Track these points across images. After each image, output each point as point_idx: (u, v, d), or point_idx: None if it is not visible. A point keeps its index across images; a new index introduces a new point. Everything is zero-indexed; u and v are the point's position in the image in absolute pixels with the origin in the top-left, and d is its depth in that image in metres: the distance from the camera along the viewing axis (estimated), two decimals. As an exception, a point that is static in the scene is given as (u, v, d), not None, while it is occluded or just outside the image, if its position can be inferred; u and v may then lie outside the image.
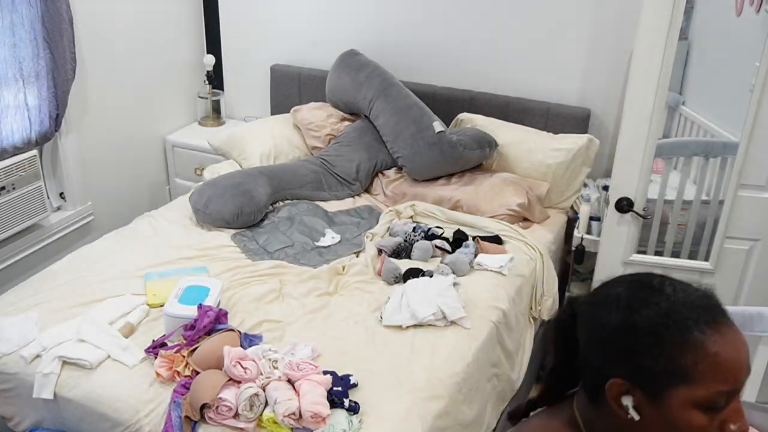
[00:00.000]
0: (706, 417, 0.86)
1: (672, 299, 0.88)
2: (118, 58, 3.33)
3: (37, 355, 2.03)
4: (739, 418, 0.89)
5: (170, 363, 1.96)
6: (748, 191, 2.41)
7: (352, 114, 3.38)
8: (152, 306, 2.26)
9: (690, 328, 0.85)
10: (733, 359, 0.85)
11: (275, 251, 2.63)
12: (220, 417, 1.80)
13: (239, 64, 3.87)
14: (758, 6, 2.43)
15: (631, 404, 0.89)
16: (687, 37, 2.77)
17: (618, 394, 0.90)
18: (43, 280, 2.39)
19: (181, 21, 3.70)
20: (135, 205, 3.53)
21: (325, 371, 1.92)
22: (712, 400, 0.85)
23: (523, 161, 3.07)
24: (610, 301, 0.92)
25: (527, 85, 3.24)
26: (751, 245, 2.49)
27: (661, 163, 2.57)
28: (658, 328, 0.86)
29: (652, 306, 0.88)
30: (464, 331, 2.19)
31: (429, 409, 1.89)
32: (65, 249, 3.09)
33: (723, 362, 0.84)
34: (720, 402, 0.86)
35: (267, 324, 2.18)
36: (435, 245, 2.63)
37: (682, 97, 2.87)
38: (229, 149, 3.30)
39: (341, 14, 3.51)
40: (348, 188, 3.15)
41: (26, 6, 2.69)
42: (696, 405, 0.85)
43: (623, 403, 0.89)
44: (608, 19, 3.01)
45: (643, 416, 0.89)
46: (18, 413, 2.07)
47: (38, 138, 2.88)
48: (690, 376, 0.85)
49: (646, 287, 0.91)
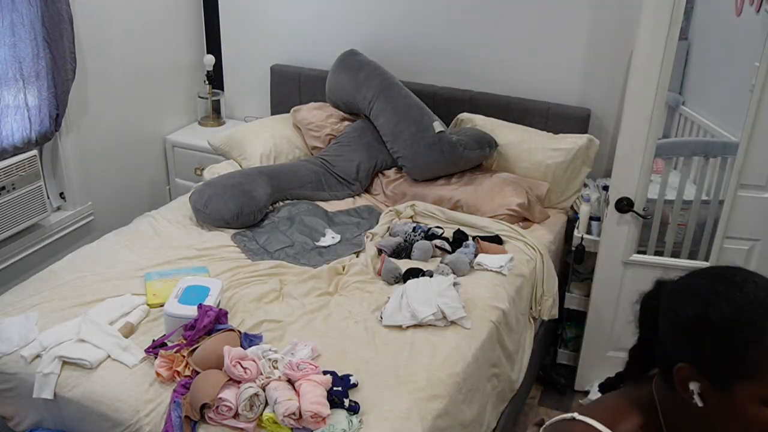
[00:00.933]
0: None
1: (750, 298, 0.89)
2: (118, 58, 3.33)
3: (37, 355, 2.03)
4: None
5: (170, 363, 1.96)
6: (748, 191, 2.41)
7: (352, 114, 3.38)
8: (152, 306, 2.26)
9: (763, 329, 0.87)
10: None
11: (275, 251, 2.63)
12: (220, 417, 1.80)
13: (239, 64, 3.87)
14: (758, 6, 2.43)
15: (697, 390, 0.92)
16: (687, 37, 2.77)
17: (685, 378, 0.93)
18: (43, 280, 2.39)
19: (181, 21, 3.70)
20: (135, 205, 3.53)
21: (325, 371, 1.92)
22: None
23: (523, 161, 3.07)
24: (691, 291, 0.95)
25: (527, 85, 3.24)
26: (751, 245, 2.49)
27: (661, 163, 2.57)
28: (730, 325, 0.88)
29: (729, 302, 0.90)
30: (464, 331, 2.19)
31: (429, 409, 1.89)
32: (65, 249, 3.09)
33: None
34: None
35: (267, 324, 2.18)
36: (435, 245, 2.63)
37: (682, 97, 2.87)
38: (229, 149, 3.30)
39: (341, 14, 3.51)
40: (348, 188, 3.15)
41: (26, 6, 2.69)
42: (762, 401, 0.87)
43: (690, 388, 0.92)
44: (608, 19, 3.01)
45: (709, 404, 0.91)
46: (18, 413, 2.07)
47: (38, 138, 2.88)
48: (757, 373, 0.87)
49: (727, 282, 0.92)
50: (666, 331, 0.98)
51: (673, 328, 0.96)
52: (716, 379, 0.90)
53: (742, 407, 0.89)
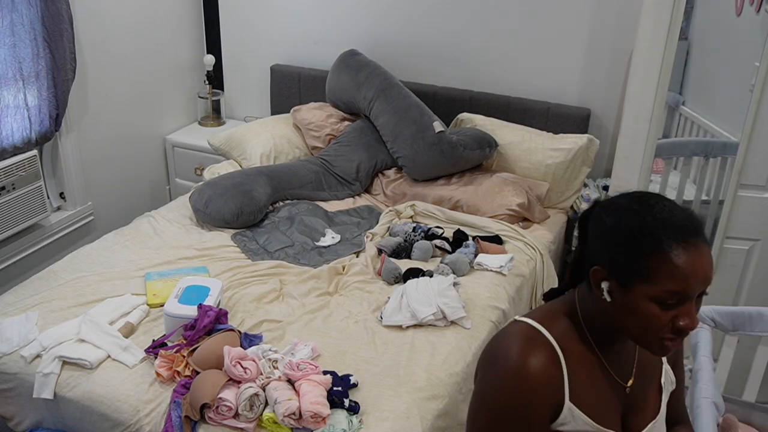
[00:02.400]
0: (660, 309, 1.06)
1: (656, 216, 1.08)
2: (118, 58, 3.33)
3: (37, 355, 2.03)
4: (689, 317, 1.07)
5: (170, 363, 1.96)
6: (748, 191, 2.41)
7: (352, 114, 3.38)
8: (152, 306, 2.26)
9: (660, 242, 1.05)
10: (688, 269, 1.04)
11: (275, 251, 2.63)
12: (220, 417, 1.80)
13: (239, 64, 3.87)
14: (758, 6, 2.43)
15: (606, 288, 1.11)
16: (687, 37, 2.77)
17: (599, 279, 1.12)
18: (43, 280, 2.39)
19: (181, 21, 3.70)
20: (135, 205, 3.53)
21: (325, 371, 1.92)
22: (664, 298, 1.05)
23: (523, 161, 3.07)
24: (614, 207, 1.14)
25: (527, 85, 3.24)
26: (751, 245, 2.49)
27: (661, 163, 2.57)
28: (636, 236, 1.07)
29: (639, 218, 1.08)
30: (464, 331, 2.19)
31: (429, 409, 1.89)
32: (65, 249, 3.09)
33: (679, 270, 1.04)
34: (671, 300, 1.06)
35: (267, 324, 2.18)
36: (435, 245, 2.63)
37: (682, 97, 2.87)
38: (229, 149, 3.30)
39: (341, 14, 3.51)
40: (348, 188, 3.15)
41: (26, 6, 2.69)
42: (652, 299, 1.06)
43: (601, 286, 1.12)
44: (608, 19, 3.01)
45: (615, 300, 1.11)
46: (18, 413, 2.07)
47: (38, 138, 2.88)
48: (650, 276, 1.05)
49: (642, 203, 1.11)
50: (591, 239, 1.17)
51: (594, 237, 1.16)
52: (621, 279, 1.09)
53: (637, 302, 1.07)
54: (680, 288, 1.04)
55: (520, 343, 1.13)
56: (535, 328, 1.15)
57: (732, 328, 1.90)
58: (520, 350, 1.12)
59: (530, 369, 1.10)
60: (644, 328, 1.08)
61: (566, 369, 1.14)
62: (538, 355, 1.11)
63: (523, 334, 1.15)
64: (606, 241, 1.12)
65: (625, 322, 1.10)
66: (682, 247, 1.04)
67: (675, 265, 1.04)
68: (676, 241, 1.05)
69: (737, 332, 1.91)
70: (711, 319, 1.88)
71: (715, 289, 1.15)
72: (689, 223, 1.08)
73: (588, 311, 1.18)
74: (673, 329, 1.08)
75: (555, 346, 1.14)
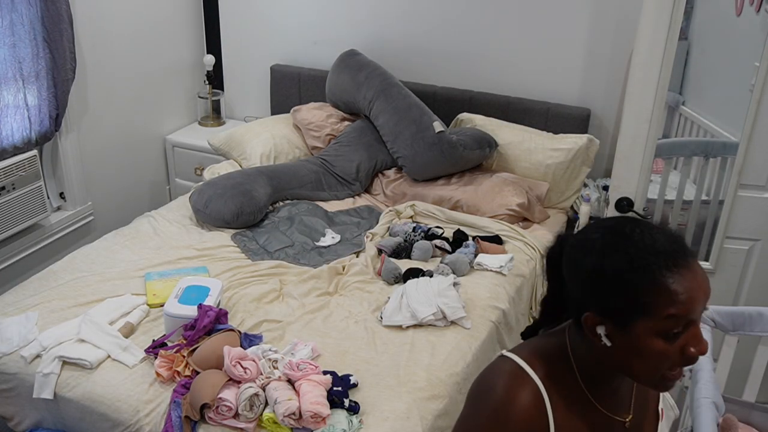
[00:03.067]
0: (667, 343, 1.00)
1: (639, 246, 1.01)
2: (118, 58, 3.33)
3: (37, 355, 2.03)
4: (698, 341, 1.01)
5: (170, 363, 1.96)
6: (748, 191, 2.41)
7: (352, 114, 3.38)
8: (152, 306, 2.26)
9: (652, 273, 0.99)
10: (688, 292, 0.98)
11: (275, 251, 2.63)
12: (220, 417, 1.80)
13: (239, 64, 3.87)
14: (758, 6, 2.43)
15: (603, 333, 1.04)
16: (687, 37, 2.77)
17: (593, 324, 1.05)
18: (43, 280, 2.39)
19: (181, 21, 3.70)
20: (135, 205, 3.53)
21: (325, 371, 1.92)
22: (669, 328, 0.99)
23: (523, 161, 3.07)
24: (588, 245, 1.06)
25: (527, 85, 3.24)
26: (751, 245, 2.49)
27: (661, 163, 2.57)
28: (624, 274, 1.00)
29: (621, 253, 1.01)
30: (464, 331, 2.19)
31: (429, 409, 1.89)
32: (65, 249, 3.09)
33: (678, 296, 0.98)
34: (677, 329, 1.00)
35: (267, 324, 2.18)
36: (435, 245, 2.63)
37: (682, 97, 2.87)
38: (229, 149, 3.30)
39: (341, 14, 3.51)
40: (348, 188, 3.15)
41: (26, 6, 2.69)
42: (657, 333, 1.00)
43: (597, 332, 1.04)
44: (608, 19, 3.01)
45: (615, 343, 1.04)
46: (18, 413, 2.07)
47: (38, 138, 2.88)
48: (650, 309, 0.99)
49: (618, 233, 1.04)
50: (571, 283, 1.09)
51: (576, 281, 1.08)
52: (618, 320, 1.02)
53: (642, 341, 1.01)
54: (684, 311, 0.99)
55: (506, 381, 1.10)
56: (521, 367, 1.11)
57: (732, 328, 1.90)
58: (505, 388, 1.09)
59: (513, 408, 1.07)
60: (653, 366, 1.02)
61: (551, 410, 1.10)
62: (521, 395, 1.08)
63: (510, 373, 1.11)
64: (592, 286, 1.04)
65: (631, 363, 1.04)
66: (676, 272, 0.99)
67: (673, 291, 0.98)
68: (667, 268, 0.99)
69: (737, 332, 1.91)
70: (711, 319, 1.88)
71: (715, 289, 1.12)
72: (674, 243, 1.02)
73: (581, 355, 1.12)
74: (683, 359, 1.02)
75: (540, 387, 1.09)
